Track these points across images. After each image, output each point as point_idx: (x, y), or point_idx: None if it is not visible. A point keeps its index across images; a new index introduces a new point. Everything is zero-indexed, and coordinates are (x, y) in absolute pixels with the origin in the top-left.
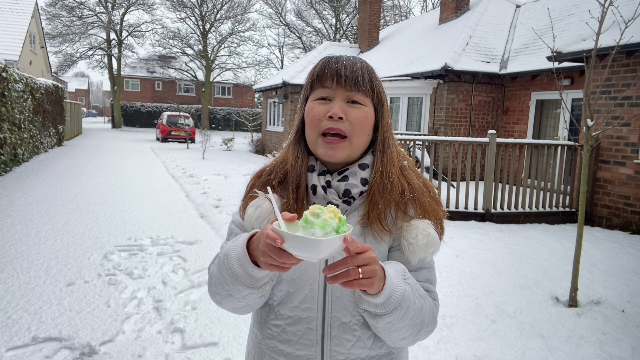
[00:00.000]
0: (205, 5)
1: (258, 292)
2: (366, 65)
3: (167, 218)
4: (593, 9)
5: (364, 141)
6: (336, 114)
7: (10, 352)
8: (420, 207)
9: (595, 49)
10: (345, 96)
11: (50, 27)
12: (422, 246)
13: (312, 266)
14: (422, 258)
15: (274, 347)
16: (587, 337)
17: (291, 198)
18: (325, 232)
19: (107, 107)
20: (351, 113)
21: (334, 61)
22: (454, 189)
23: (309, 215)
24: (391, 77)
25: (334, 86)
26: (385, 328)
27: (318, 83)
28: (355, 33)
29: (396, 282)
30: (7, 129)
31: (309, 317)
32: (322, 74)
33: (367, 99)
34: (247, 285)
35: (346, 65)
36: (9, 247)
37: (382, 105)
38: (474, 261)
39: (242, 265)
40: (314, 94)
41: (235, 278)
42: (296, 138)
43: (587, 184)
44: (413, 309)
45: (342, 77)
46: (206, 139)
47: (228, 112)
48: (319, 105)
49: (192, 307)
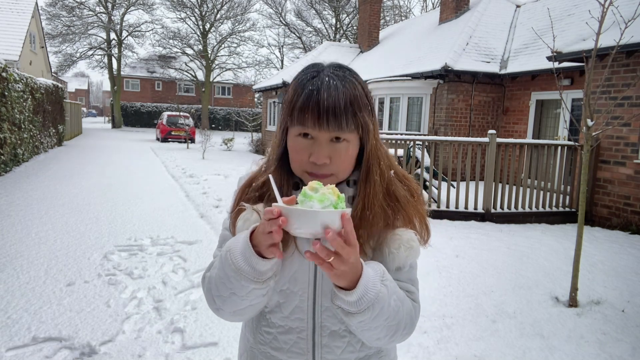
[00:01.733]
0: (205, 5)
1: (262, 287)
2: (350, 94)
3: (167, 218)
4: (593, 9)
5: (349, 171)
6: (319, 160)
7: (10, 352)
8: (407, 219)
9: (595, 49)
10: (328, 136)
11: (50, 27)
12: (402, 257)
13: (302, 277)
14: (400, 266)
15: (267, 352)
16: (587, 337)
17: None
18: (324, 205)
19: (107, 107)
20: (335, 153)
21: (314, 101)
22: (454, 189)
23: (308, 190)
24: (391, 77)
25: (317, 129)
26: (358, 327)
27: (299, 123)
28: (355, 33)
29: (372, 283)
30: (7, 129)
31: (300, 327)
32: (303, 112)
33: (352, 134)
34: (252, 279)
35: (327, 106)
36: (9, 247)
37: (368, 133)
38: (474, 261)
39: (246, 259)
40: (295, 129)
41: (239, 273)
42: (278, 165)
43: (587, 184)
44: (388, 310)
45: (323, 122)
46: (206, 139)
47: (228, 112)
48: (302, 141)
49: (192, 307)
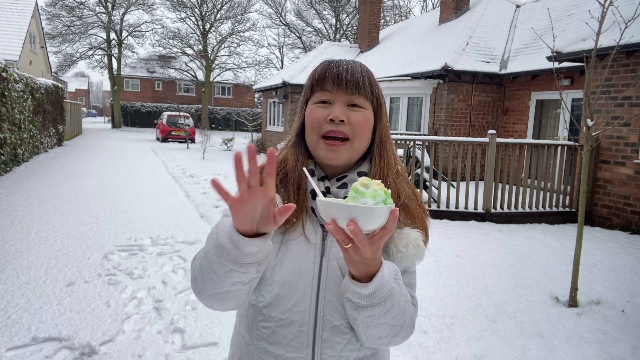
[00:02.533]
0: (205, 5)
1: (241, 271)
2: (366, 69)
3: (167, 218)
4: (593, 9)
5: (364, 144)
6: (337, 117)
7: (10, 352)
8: (408, 213)
9: (595, 49)
10: (345, 100)
11: (50, 27)
12: (410, 256)
13: (307, 268)
14: (407, 266)
15: (264, 348)
16: (587, 337)
17: (292, 199)
18: (376, 201)
19: (107, 107)
20: (352, 116)
21: (334, 65)
22: (454, 189)
23: (360, 186)
24: (391, 77)
25: (335, 90)
26: (365, 322)
27: (318, 86)
28: (355, 33)
29: (387, 279)
30: (7, 129)
31: (301, 319)
32: (322, 78)
33: (367, 102)
34: (232, 258)
35: (347, 69)
36: (9, 247)
37: (381, 108)
38: (474, 261)
39: (230, 236)
40: (314, 97)
41: (221, 249)
42: (296, 141)
43: (587, 184)
44: (397, 309)
45: (342, 80)
46: (206, 139)
47: (228, 112)
48: (320, 109)
49: (192, 307)
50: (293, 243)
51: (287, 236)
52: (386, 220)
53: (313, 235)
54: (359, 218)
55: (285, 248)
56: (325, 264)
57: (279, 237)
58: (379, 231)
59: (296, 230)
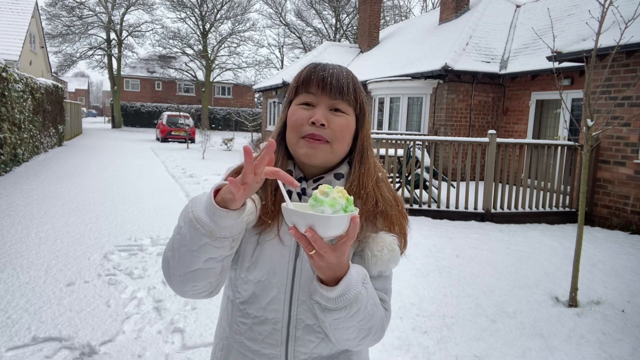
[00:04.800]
0: (205, 5)
1: (215, 245)
2: (352, 75)
3: (167, 218)
4: (593, 9)
5: (344, 149)
6: (319, 120)
7: (10, 352)
8: (387, 219)
9: (595, 49)
10: (328, 104)
11: (50, 27)
12: (385, 260)
13: (281, 269)
14: (382, 270)
15: (242, 342)
16: (587, 337)
17: (269, 200)
18: (335, 210)
19: (107, 107)
20: (334, 120)
21: (320, 68)
22: (454, 189)
23: (319, 194)
24: (391, 77)
25: (319, 93)
26: (332, 324)
27: (303, 88)
28: (355, 33)
29: (354, 283)
30: (7, 129)
31: (275, 318)
32: (307, 80)
33: (349, 108)
34: (207, 231)
35: (332, 73)
36: (9, 247)
37: (364, 115)
38: (474, 261)
39: (207, 210)
40: (298, 99)
41: (197, 221)
42: (277, 140)
43: (587, 184)
44: (363, 312)
45: (327, 84)
46: (206, 139)
47: (228, 112)
48: (302, 110)
49: (192, 307)
50: (268, 244)
51: (263, 237)
52: (347, 227)
53: (288, 237)
54: (316, 226)
55: (260, 248)
56: (299, 266)
57: (255, 237)
58: (341, 237)
59: (271, 231)
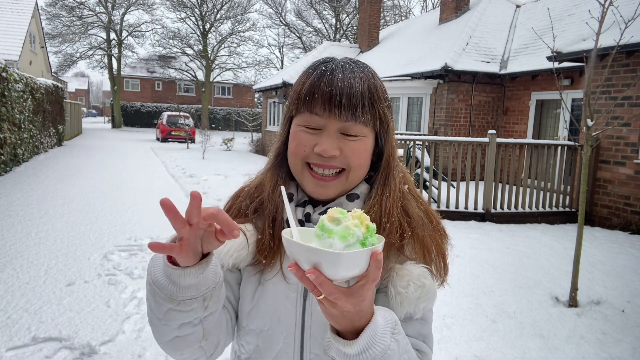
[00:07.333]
0: (205, 5)
1: (181, 310)
2: (367, 80)
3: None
4: (593, 9)
5: (362, 174)
6: (327, 152)
7: (10, 352)
8: (418, 244)
9: (595, 49)
10: (338, 127)
11: (50, 27)
12: (412, 299)
13: (287, 315)
14: (410, 312)
15: None
16: (587, 337)
17: (267, 233)
18: (347, 243)
19: (107, 107)
20: (346, 145)
21: (327, 81)
22: (454, 189)
23: (327, 221)
24: (391, 77)
25: (326, 115)
26: None
27: (305, 107)
28: (355, 33)
29: (380, 334)
30: (7, 129)
31: None
32: (310, 98)
33: (366, 128)
34: (166, 295)
35: (342, 87)
36: (9, 247)
37: (387, 128)
38: (474, 261)
39: (164, 270)
40: (300, 117)
41: (155, 284)
42: (275, 163)
43: (587, 184)
44: None
45: (335, 105)
46: (206, 139)
47: (228, 112)
48: (305, 134)
49: None
50: (270, 283)
51: (265, 276)
52: (366, 266)
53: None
54: (322, 265)
55: (262, 289)
56: (309, 309)
57: (256, 277)
58: (360, 278)
59: (273, 268)
